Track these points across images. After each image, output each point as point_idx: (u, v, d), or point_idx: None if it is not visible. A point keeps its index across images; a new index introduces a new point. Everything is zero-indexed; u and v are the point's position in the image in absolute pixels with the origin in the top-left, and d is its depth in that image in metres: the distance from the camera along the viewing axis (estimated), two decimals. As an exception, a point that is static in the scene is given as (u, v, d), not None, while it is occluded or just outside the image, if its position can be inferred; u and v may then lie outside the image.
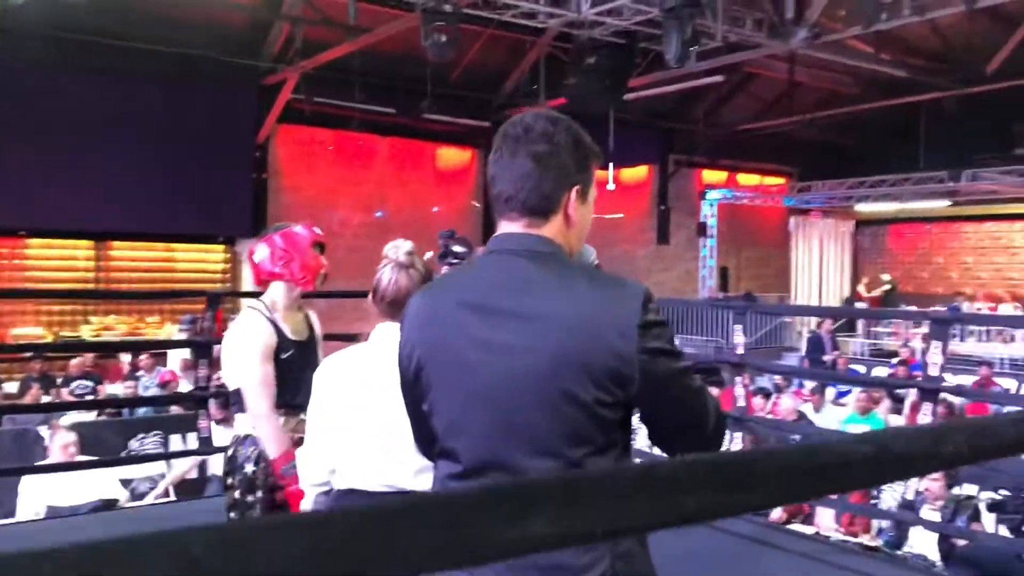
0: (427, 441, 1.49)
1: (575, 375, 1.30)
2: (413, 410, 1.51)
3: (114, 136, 10.92)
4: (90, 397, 8.49)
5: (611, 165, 14.01)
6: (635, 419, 1.40)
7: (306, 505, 2.21)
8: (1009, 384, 10.22)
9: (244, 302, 3.01)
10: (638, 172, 16.73)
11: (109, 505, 4.51)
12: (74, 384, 8.98)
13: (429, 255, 3.68)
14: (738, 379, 4.12)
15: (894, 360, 11.42)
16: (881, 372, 11.24)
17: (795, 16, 10.17)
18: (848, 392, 10.39)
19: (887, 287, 16.78)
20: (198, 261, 12.97)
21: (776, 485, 0.61)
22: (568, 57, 10.97)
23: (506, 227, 1.44)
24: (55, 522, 4.24)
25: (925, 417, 3.23)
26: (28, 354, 9.68)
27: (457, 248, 3.64)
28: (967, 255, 18.05)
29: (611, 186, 14.49)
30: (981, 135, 14.68)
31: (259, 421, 2.71)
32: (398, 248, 2.19)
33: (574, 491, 0.53)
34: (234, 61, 11.56)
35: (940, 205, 16.76)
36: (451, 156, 14.34)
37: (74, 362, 9.58)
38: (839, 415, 7.93)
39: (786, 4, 10.06)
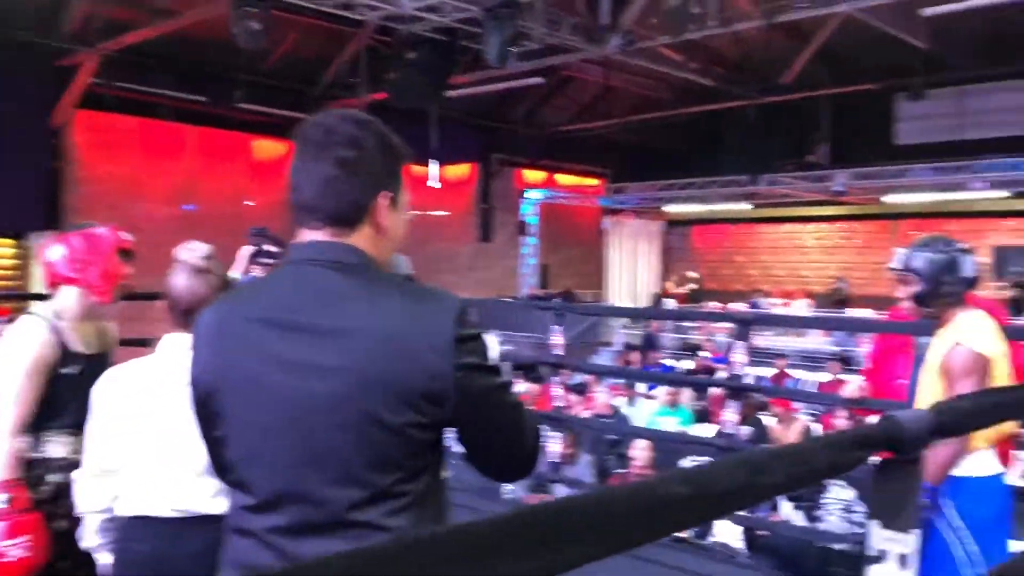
0: (221, 470, 1.35)
1: (384, 396, 1.21)
2: (204, 436, 1.37)
3: None
4: None
5: (435, 162, 14.00)
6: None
7: (89, 534, 1.98)
8: (801, 375, 11.00)
9: (32, 306, 2.63)
10: (461, 170, 16.78)
11: None
12: None
13: (247, 251, 3.47)
14: (555, 378, 4.17)
15: (700, 354, 12.04)
16: (689, 365, 11.83)
17: (610, 23, 10.50)
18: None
19: (693, 285, 17.74)
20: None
21: (597, 536, 0.56)
22: (390, 51, 10.81)
23: (309, 236, 1.33)
24: None
25: (731, 412, 3.39)
26: None
27: (270, 247, 3.45)
28: (765, 254, 19.36)
29: (436, 183, 14.47)
30: (778, 142, 15.77)
31: None
32: (193, 251, 1.99)
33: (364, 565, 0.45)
34: (24, 39, 10.58)
35: (741, 207, 17.86)
36: (267, 148, 13.77)
37: None
38: (651, 408, 8.25)
39: (601, 10, 10.36)
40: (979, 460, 2.53)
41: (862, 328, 7.12)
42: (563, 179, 18.83)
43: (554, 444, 4.28)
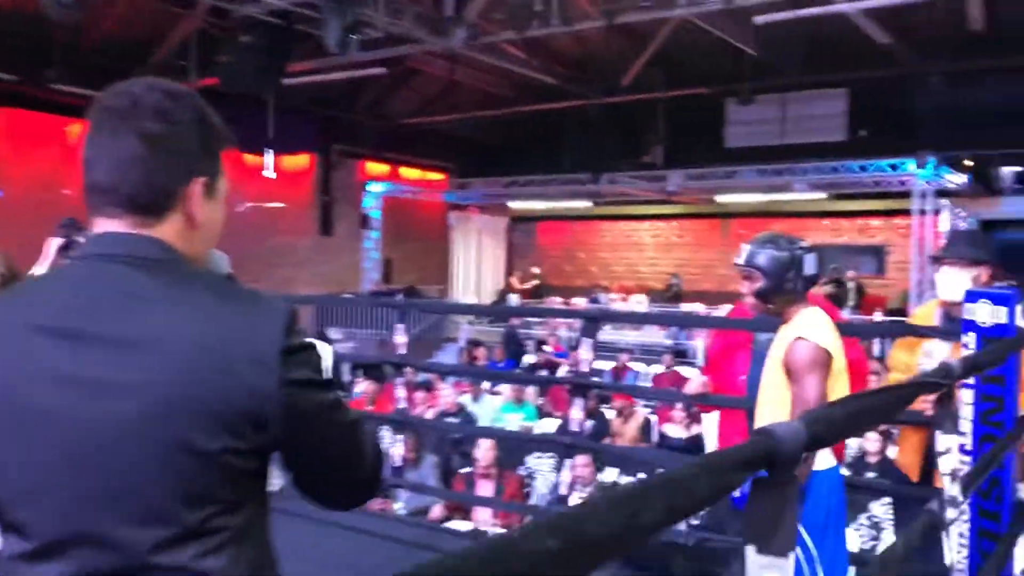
0: None
1: (196, 419, 1.01)
2: None
3: None
4: None
5: (271, 152, 13.46)
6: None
7: None
8: (639, 367, 11.31)
9: None
10: (300, 160, 16.24)
11: None
12: None
13: (55, 243, 3.11)
14: (399, 379, 4.01)
15: (544, 348, 12.16)
16: (530, 359, 11.93)
17: (454, 15, 10.41)
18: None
19: (536, 280, 17.96)
20: None
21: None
22: (223, 33, 10.26)
23: (104, 226, 1.11)
24: None
25: (576, 408, 3.36)
26: None
27: (82, 239, 3.10)
28: (604, 251, 19.86)
29: (271, 174, 13.92)
30: (617, 142, 16.20)
31: None
32: None
33: None
34: None
35: (583, 205, 18.23)
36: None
37: None
38: (496, 403, 8.22)
39: (445, 3, 10.26)
40: (820, 455, 2.60)
41: (703, 324, 7.33)
42: (407, 172, 18.60)
43: (396, 448, 4.13)
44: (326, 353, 1.17)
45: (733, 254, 2.73)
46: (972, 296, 2.40)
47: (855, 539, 4.20)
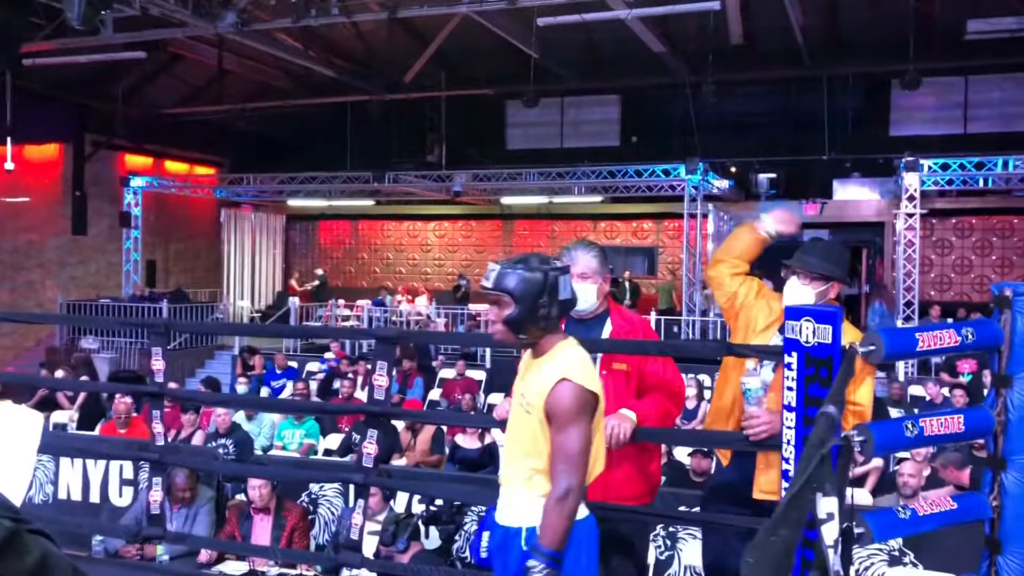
0: None
1: None
2: None
3: None
4: None
5: (8, 140, 11.93)
6: None
7: None
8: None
9: None
10: (47, 151, 14.58)
11: None
12: None
13: None
14: (156, 412, 3.44)
15: (326, 355, 11.59)
16: (313, 367, 11.34)
17: (223, -1, 9.64)
18: (281, 390, 10.25)
19: (318, 282, 17.23)
20: None
21: None
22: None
23: None
24: None
25: (371, 443, 2.96)
26: None
27: None
28: (389, 251, 19.44)
29: (9, 165, 12.35)
30: (400, 140, 15.87)
31: None
32: None
33: None
34: None
35: (365, 203, 17.70)
36: None
37: None
38: (275, 419, 7.61)
39: (214, -16, 9.47)
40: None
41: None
42: (173, 166, 17.22)
43: (155, 492, 3.53)
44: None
45: (518, 254, 2.47)
46: (794, 313, 2.27)
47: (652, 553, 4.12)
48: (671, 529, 4.22)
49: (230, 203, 17.95)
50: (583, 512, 2.32)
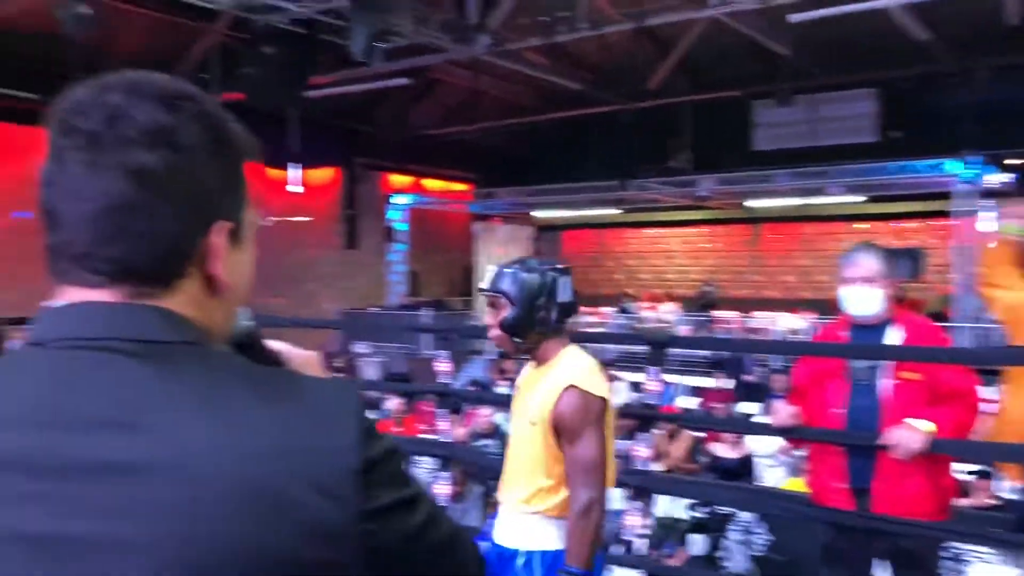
0: None
1: None
2: None
3: None
4: None
5: (297, 166, 13.28)
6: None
7: None
8: (673, 378, 10.93)
9: None
10: (324, 174, 16.08)
11: None
12: None
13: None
14: (442, 410, 3.72)
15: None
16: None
17: (478, 23, 10.17)
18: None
19: (564, 290, 17.63)
20: None
21: None
22: (245, 46, 10.07)
23: (81, 296, 0.75)
24: None
25: (644, 448, 3.05)
26: None
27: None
28: (631, 259, 19.52)
29: (296, 188, 13.74)
30: (643, 148, 15.89)
31: None
32: None
33: None
34: None
35: (610, 212, 17.92)
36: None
37: None
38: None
39: (469, 10, 10.02)
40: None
41: (793, 350, 6.54)
42: (431, 184, 18.40)
43: (441, 486, 3.83)
44: (398, 446, 0.85)
45: (765, 260, 2.36)
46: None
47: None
48: (956, 549, 3.95)
49: (482, 216, 18.86)
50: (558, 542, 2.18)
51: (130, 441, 0.68)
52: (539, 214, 18.56)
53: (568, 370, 2.18)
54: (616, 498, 4.11)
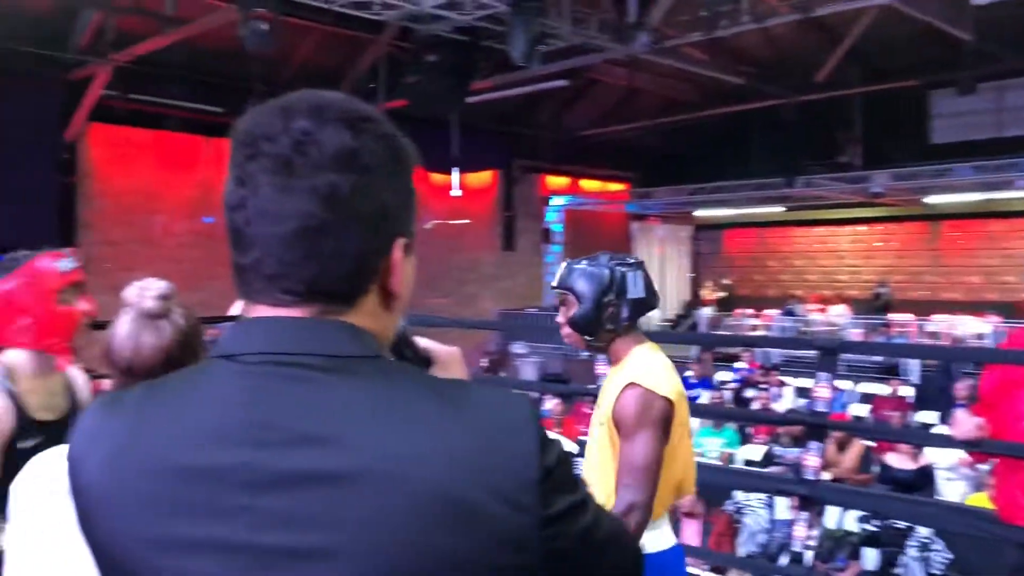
0: None
1: None
2: None
3: None
4: None
5: (456, 170, 13.62)
6: None
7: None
8: (844, 384, 10.43)
9: None
10: (482, 177, 16.39)
11: None
12: None
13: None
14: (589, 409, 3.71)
15: (736, 365, 11.53)
16: (724, 377, 11.33)
17: (636, 21, 10.07)
18: (697, 399, 10.38)
19: (723, 292, 17.22)
20: None
21: None
22: (409, 55, 10.42)
23: (271, 312, 0.78)
24: None
25: (813, 456, 2.92)
26: None
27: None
28: (798, 259, 18.79)
29: (457, 192, 14.09)
30: (810, 143, 15.26)
31: None
32: (144, 290, 1.46)
33: None
34: (37, 52, 10.29)
35: (774, 210, 17.33)
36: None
37: None
38: (693, 426, 7.75)
39: (629, 8, 9.94)
40: (658, 532, 2.07)
41: (977, 357, 6.08)
42: (588, 184, 18.41)
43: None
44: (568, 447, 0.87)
45: (944, 259, 2.17)
46: None
47: None
48: None
49: (639, 216, 18.70)
50: (668, 540, 2.01)
51: (326, 454, 0.71)
52: (699, 213, 18.20)
53: (633, 368, 2.09)
54: (782, 507, 3.98)
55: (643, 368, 2.07)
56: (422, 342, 0.98)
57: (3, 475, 1.86)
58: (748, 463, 7.06)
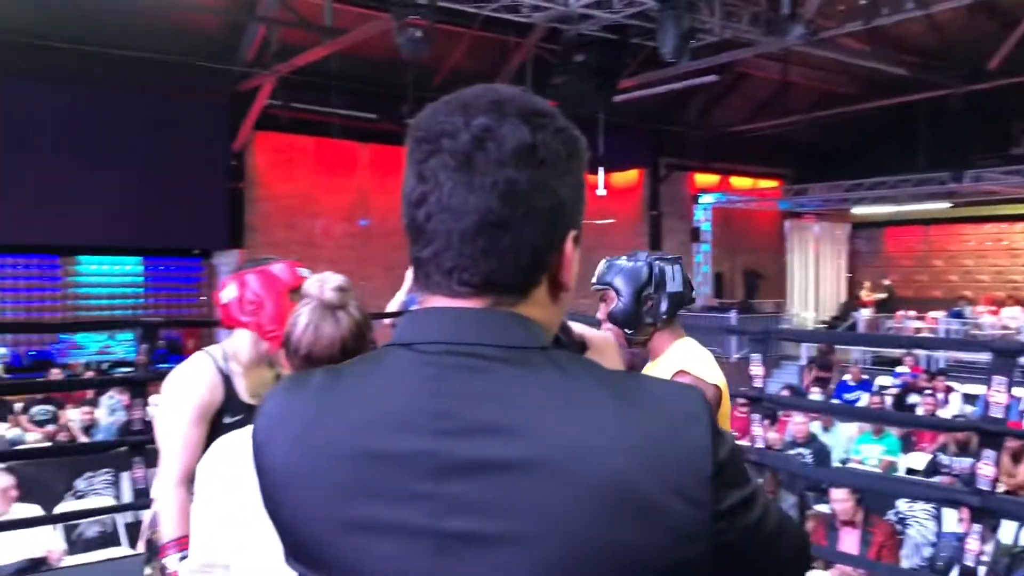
0: None
1: None
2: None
3: (81, 145, 10.42)
4: (51, 426, 7.96)
5: (601, 169, 13.59)
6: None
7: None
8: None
9: (208, 348, 2.38)
10: (628, 176, 16.28)
11: (36, 565, 3.96)
12: (34, 410, 8.43)
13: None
14: (756, 415, 3.62)
15: (898, 369, 10.96)
16: (884, 381, 10.78)
17: (790, 12, 9.73)
18: (855, 402, 9.93)
19: (885, 293, 16.37)
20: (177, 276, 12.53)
21: None
22: (556, 56, 10.48)
23: (446, 303, 0.80)
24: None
25: (987, 465, 2.74)
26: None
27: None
28: (967, 258, 17.65)
29: (602, 191, 14.05)
30: (981, 134, 14.29)
31: (162, 492, 2.17)
32: (324, 283, 1.57)
33: None
34: (208, 66, 11.03)
35: (938, 207, 16.35)
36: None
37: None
38: (850, 433, 7.43)
39: (781, 0, 9.62)
40: None
41: None
42: (738, 182, 17.95)
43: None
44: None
45: None
46: None
47: None
48: None
49: (793, 214, 18.07)
50: None
51: (505, 443, 0.73)
52: (857, 211, 17.39)
53: (678, 357, 2.13)
54: (951, 519, 3.77)
55: (691, 357, 2.13)
56: (577, 327, 1.00)
57: (209, 444, 2.09)
58: (910, 471, 6.70)
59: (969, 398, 9.18)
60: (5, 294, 11.05)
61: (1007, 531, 4.19)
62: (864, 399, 9.01)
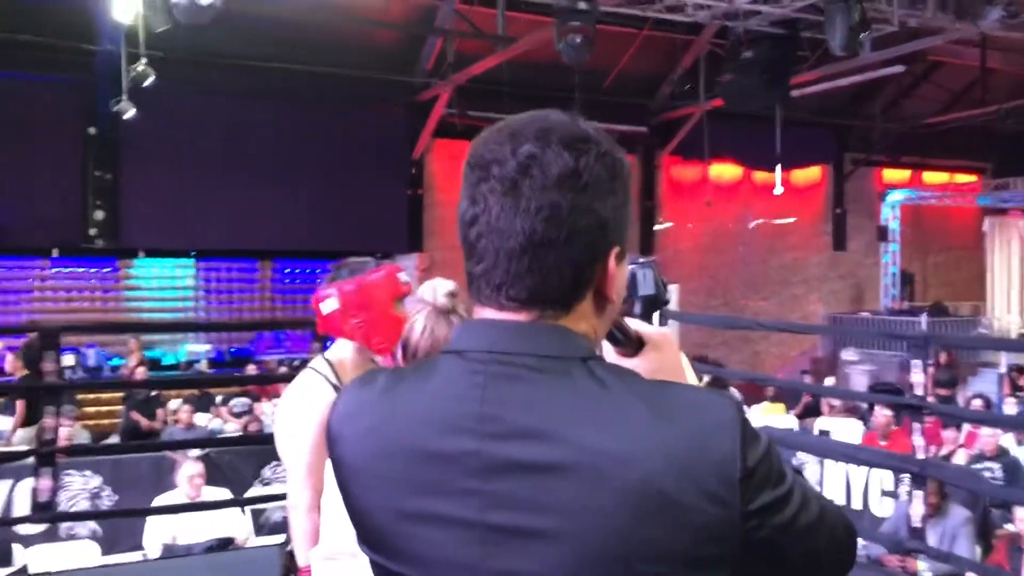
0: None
1: None
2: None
3: (272, 157, 11.24)
4: (246, 417, 8.67)
5: (778, 167, 13.16)
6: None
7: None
8: None
9: (314, 363, 2.40)
10: (811, 173, 15.64)
11: (224, 544, 4.36)
12: (233, 402, 9.18)
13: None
14: (916, 425, 3.43)
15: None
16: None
17: (988, -6, 9.06)
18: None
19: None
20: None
21: None
22: (724, 53, 10.27)
23: (490, 314, 0.89)
24: (162, 563, 4.14)
25: None
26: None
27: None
28: None
29: (779, 190, 13.60)
30: None
31: (293, 514, 2.22)
32: (436, 289, 1.68)
33: None
34: (389, 79, 11.63)
35: None
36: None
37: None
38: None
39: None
40: None
41: None
42: (931, 177, 16.82)
43: (916, 505, 3.50)
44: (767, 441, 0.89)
45: None
46: None
47: None
48: None
49: (995, 210, 16.71)
50: None
51: (543, 447, 0.80)
52: (1070, 206, 15.84)
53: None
54: None
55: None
56: (634, 325, 1.06)
57: None
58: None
59: None
60: (210, 295, 12.11)
61: None
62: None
